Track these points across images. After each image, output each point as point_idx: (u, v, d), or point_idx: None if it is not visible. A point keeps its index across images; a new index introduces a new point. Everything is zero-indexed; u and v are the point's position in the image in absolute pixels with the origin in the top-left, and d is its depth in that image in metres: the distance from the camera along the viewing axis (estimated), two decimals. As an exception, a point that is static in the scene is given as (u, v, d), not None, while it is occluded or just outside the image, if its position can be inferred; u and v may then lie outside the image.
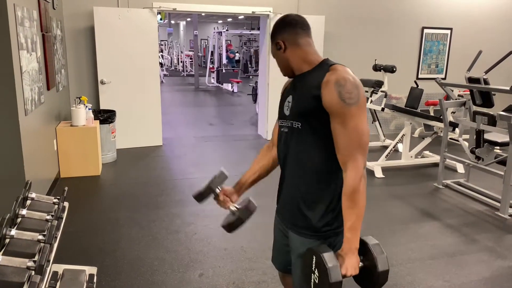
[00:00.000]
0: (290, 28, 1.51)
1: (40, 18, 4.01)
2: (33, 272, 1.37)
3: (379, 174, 4.94)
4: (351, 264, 1.39)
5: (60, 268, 1.90)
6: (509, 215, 3.83)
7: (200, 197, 1.70)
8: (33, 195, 1.87)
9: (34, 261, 1.40)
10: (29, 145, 3.38)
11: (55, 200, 1.90)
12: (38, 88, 3.77)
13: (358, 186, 1.38)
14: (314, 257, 1.40)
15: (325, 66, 1.48)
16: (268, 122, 6.62)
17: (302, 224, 1.54)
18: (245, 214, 1.65)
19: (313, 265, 1.40)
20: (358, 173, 1.39)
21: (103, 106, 5.60)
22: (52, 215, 1.75)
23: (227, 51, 16.36)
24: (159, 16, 7.15)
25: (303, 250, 1.53)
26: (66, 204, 2.00)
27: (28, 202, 1.87)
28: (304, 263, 1.48)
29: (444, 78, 7.46)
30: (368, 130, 1.42)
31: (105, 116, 5.13)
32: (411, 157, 5.35)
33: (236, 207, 1.68)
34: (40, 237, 1.55)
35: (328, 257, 1.36)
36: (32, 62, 3.58)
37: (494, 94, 4.56)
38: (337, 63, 1.49)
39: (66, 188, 2.00)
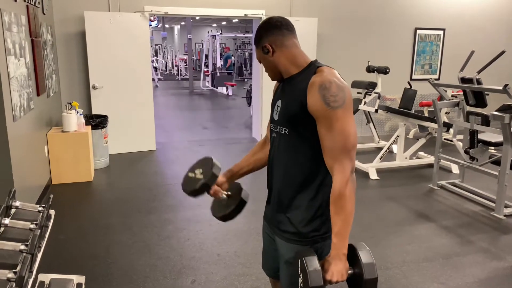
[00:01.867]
0: (276, 30, 1.46)
1: (29, 23, 3.96)
2: (14, 284, 1.32)
3: (373, 175, 4.92)
4: (337, 270, 1.34)
5: (47, 277, 1.86)
6: (504, 216, 3.81)
7: (195, 194, 1.59)
8: (18, 203, 1.83)
9: (15, 272, 1.35)
10: (17, 152, 3.33)
11: (40, 208, 1.85)
12: (27, 94, 3.72)
13: (344, 191, 1.34)
14: (299, 261, 1.39)
15: (313, 68, 1.44)
16: (262, 125, 6.59)
17: (289, 230, 1.51)
18: (239, 206, 1.63)
19: (299, 269, 1.38)
20: (344, 178, 1.35)
21: (95, 111, 5.55)
22: (36, 224, 1.71)
23: (221, 56, 16.32)
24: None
25: (289, 256, 1.50)
26: (52, 212, 1.95)
27: (13, 210, 1.83)
28: (292, 268, 1.46)
29: (438, 79, 7.46)
30: (355, 132, 1.38)
31: (97, 121, 5.08)
32: (406, 158, 5.33)
33: (228, 194, 1.67)
34: (22, 247, 1.51)
35: (310, 261, 1.34)
36: (20, 67, 3.53)
37: (488, 94, 4.55)
38: (325, 65, 1.45)
39: (51, 196, 1.95)
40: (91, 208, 4.01)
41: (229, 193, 1.67)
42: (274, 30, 1.46)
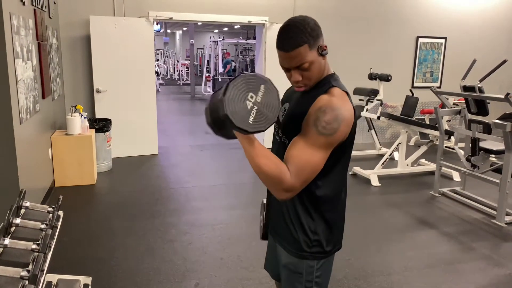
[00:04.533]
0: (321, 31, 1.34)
1: (36, 26, 4.00)
2: (26, 282, 1.35)
3: (375, 182, 4.94)
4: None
5: (54, 278, 1.88)
6: (505, 223, 3.83)
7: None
8: (28, 204, 1.85)
9: (28, 271, 1.38)
10: (23, 154, 3.35)
11: (50, 209, 1.88)
12: (33, 97, 3.76)
13: (274, 178, 1.22)
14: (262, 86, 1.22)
15: (326, 85, 1.37)
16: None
17: (287, 240, 1.49)
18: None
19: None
20: (287, 179, 1.23)
21: (98, 114, 5.58)
22: (46, 224, 1.73)
23: (222, 61, 16.41)
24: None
25: (286, 261, 1.50)
26: (60, 213, 1.98)
27: (23, 211, 1.85)
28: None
29: (439, 87, 7.51)
30: (318, 166, 1.27)
31: (101, 125, 5.11)
32: (407, 165, 5.35)
33: None
34: (34, 246, 1.53)
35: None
36: (27, 70, 3.57)
37: (489, 103, 4.58)
38: (339, 85, 1.37)
39: (61, 197, 1.98)
40: (94, 211, 4.03)
41: None
42: (320, 29, 1.35)
